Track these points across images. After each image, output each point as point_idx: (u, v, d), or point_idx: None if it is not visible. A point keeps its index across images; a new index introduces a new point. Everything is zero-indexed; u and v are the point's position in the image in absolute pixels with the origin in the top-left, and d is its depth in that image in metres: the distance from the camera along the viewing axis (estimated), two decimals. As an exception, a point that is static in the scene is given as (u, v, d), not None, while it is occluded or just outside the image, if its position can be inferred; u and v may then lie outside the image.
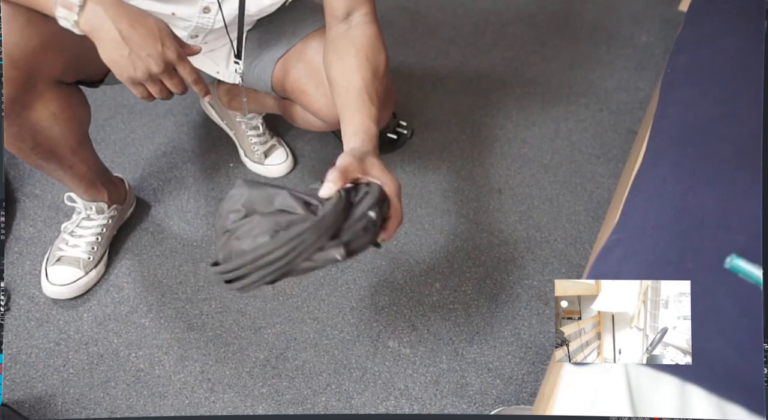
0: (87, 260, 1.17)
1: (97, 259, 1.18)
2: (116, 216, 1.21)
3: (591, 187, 1.38)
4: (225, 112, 1.36)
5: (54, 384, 1.06)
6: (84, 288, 1.17)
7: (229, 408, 1.05)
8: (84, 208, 1.17)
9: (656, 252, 0.75)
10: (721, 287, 0.70)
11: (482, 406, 1.07)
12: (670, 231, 0.76)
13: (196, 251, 1.24)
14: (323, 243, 0.69)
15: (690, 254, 0.73)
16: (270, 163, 1.37)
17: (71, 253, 1.17)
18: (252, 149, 1.37)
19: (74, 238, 1.17)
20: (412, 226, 1.29)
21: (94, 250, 1.18)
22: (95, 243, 1.18)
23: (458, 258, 1.25)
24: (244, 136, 1.36)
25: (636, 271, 0.73)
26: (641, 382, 0.66)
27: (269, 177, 1.38)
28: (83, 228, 1.18)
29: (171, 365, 1.09)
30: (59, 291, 1.15)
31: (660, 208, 0.80)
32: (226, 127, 1.39)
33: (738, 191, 0.79)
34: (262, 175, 1.37)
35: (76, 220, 1.18)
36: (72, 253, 1.17)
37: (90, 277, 1.17)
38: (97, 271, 1.18)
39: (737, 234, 0.74)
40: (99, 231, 1.19)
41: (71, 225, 1.18)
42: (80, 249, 1.17)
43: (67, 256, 1.17)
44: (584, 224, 1.31)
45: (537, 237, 1.29)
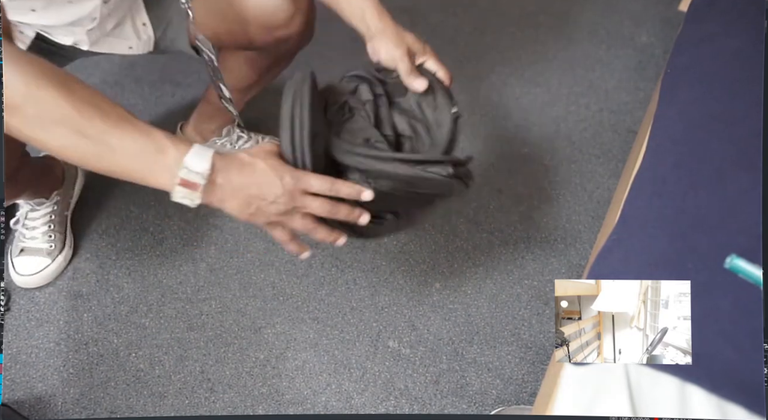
0: (49, 248, 1.18)
1: (59, 244, 1.20)
2: (61, 199, 1.22)
3: (591, 187, 1.38)
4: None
5: (54, 384, 1.06)
6: (54, 274, 1.19)
7: (229, 408, 1.05)
8: (23, 203, 1.18)
9: (656, 252, 0.75)
10: (721, 287, 0.70)
11: (482, 406, 1.07)
12: (670, 231, 0.76)
13: (196, 251, 1.24)
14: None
15: (690, 254, 0.73)
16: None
17: (32, 244, 1.18)
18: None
19: (28, 230, 1.19)
20: (412, 226, 1.29)
21: (53, 238, 1.19)
22: (50, 231, 1.19)
23: (458, 258, 1.25)
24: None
25: (636, 271, 0.73)
26: (641, 382, 0.66)
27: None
28: (32, 220, 1.19)
29: (171, 365, 1.09)
30: (29, 280, 1.17)
31: (660, 208, 0.80)
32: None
33: (738, 191, 0.79)
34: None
35: (22, 213, 1.19)
36: (32, 244, 1.18)
37: (58, 263, 1.19)
38: (64, 256, 1.20)
39: (737, 234, 0.74)
40: (49, 219, 1.20)
41: (21, 219, 1.19)
42: (38, 240, 1.18)
43: (29, 247, 1.18)
44: (584, 224, 1.31)
45: (537, 237, 1.29)
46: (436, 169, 0.80)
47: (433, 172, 0.79)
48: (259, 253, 1.24)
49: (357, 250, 1.25)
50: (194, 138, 1.34)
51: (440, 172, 0.80)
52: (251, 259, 1.23)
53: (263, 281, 1.20)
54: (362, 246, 1.26)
